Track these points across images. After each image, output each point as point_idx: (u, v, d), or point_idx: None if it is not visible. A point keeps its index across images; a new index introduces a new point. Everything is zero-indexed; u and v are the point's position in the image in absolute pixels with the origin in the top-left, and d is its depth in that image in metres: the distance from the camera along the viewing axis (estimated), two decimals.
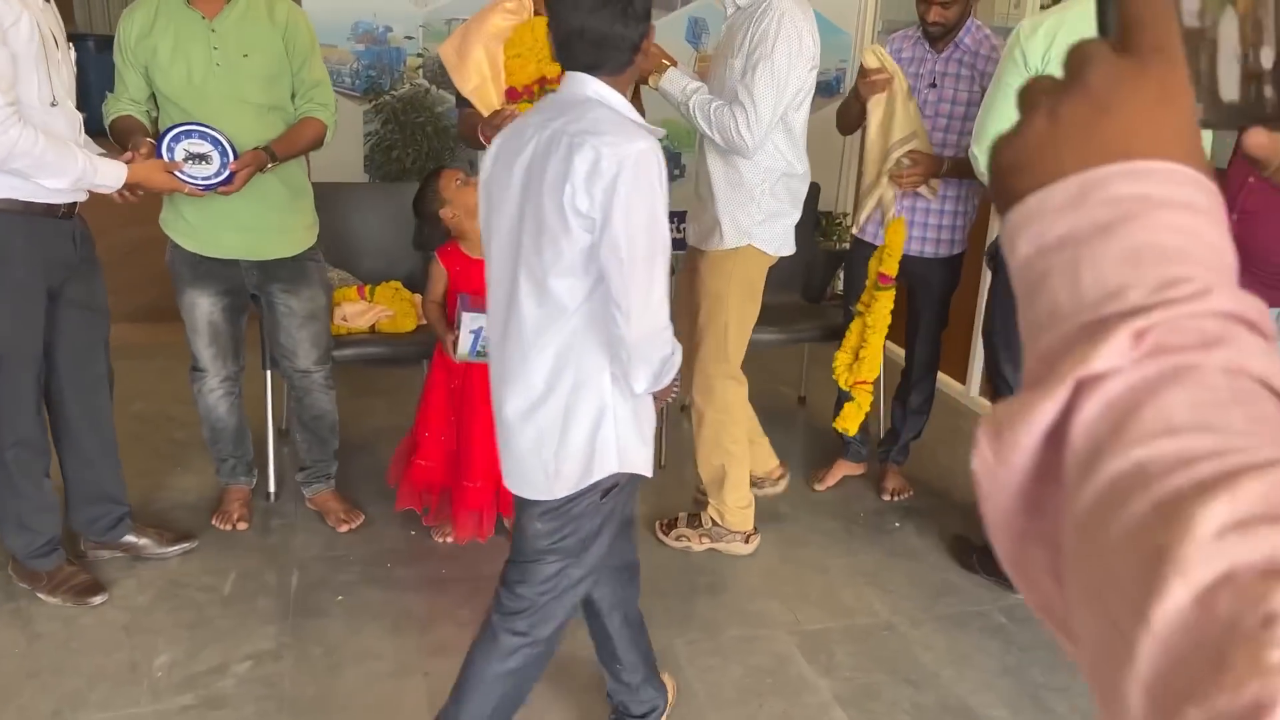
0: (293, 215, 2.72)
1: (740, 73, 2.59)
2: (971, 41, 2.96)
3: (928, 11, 2.90)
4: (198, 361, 2.82)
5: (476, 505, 2.88)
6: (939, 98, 2.99)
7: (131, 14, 2.58)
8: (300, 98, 2.65)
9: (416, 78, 4.30)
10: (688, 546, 3.00)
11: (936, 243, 3.09)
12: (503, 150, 1.77)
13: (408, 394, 3.92)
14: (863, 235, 3.18)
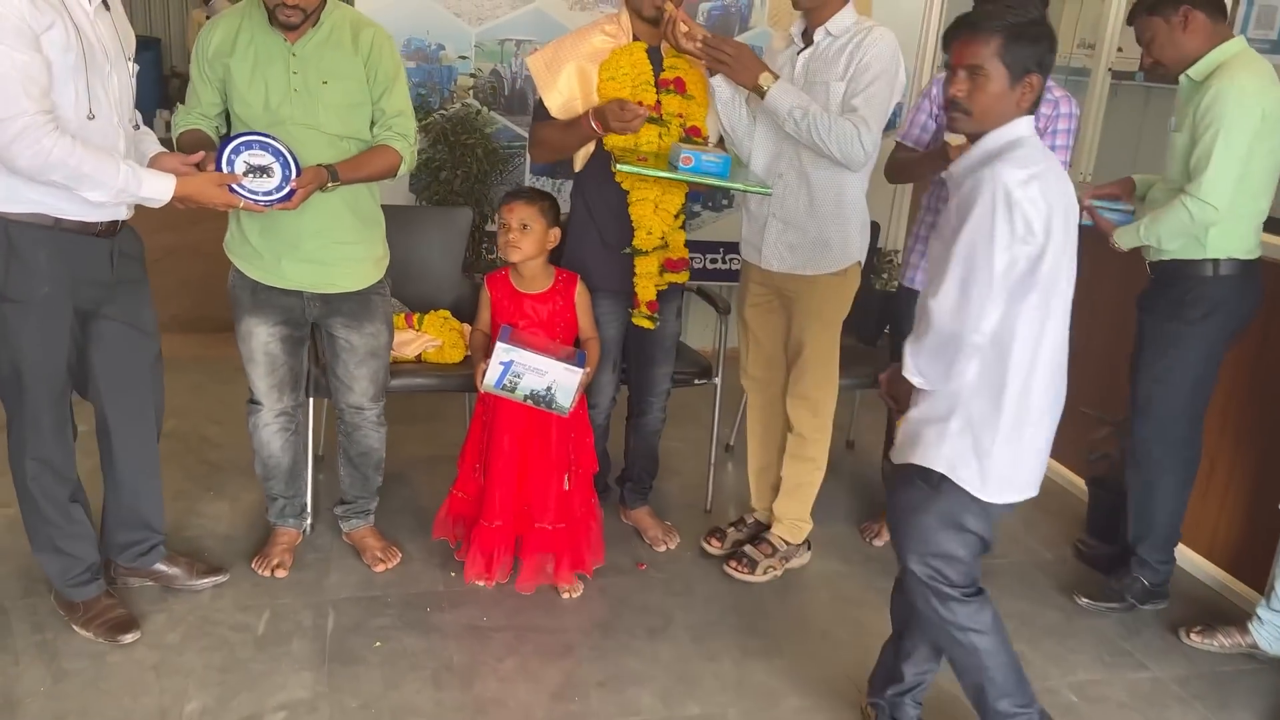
0: (361, 247, 2.62)
1: (850, 91, 2.57)
2: None
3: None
4: (254, 394, 2.71)
5: (488, 547, 2.77)
6: None
7: (213, 27, 2.49)
8: (379, 126, 2.55)
9: (467, 98, 4.20)
10: (774, 575, 2.96)
11: None
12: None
13: (444, 422, 3.82)
14: (911, 284, 3.07)
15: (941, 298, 1.86)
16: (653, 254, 2.74)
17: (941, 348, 1.90)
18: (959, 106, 1.91)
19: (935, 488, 2.00)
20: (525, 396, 2.60)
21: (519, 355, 2.55)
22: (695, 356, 3.39)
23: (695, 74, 2.69)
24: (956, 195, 1.90)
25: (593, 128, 2.55)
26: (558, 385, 2.59)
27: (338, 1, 2.51)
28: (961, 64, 1.90)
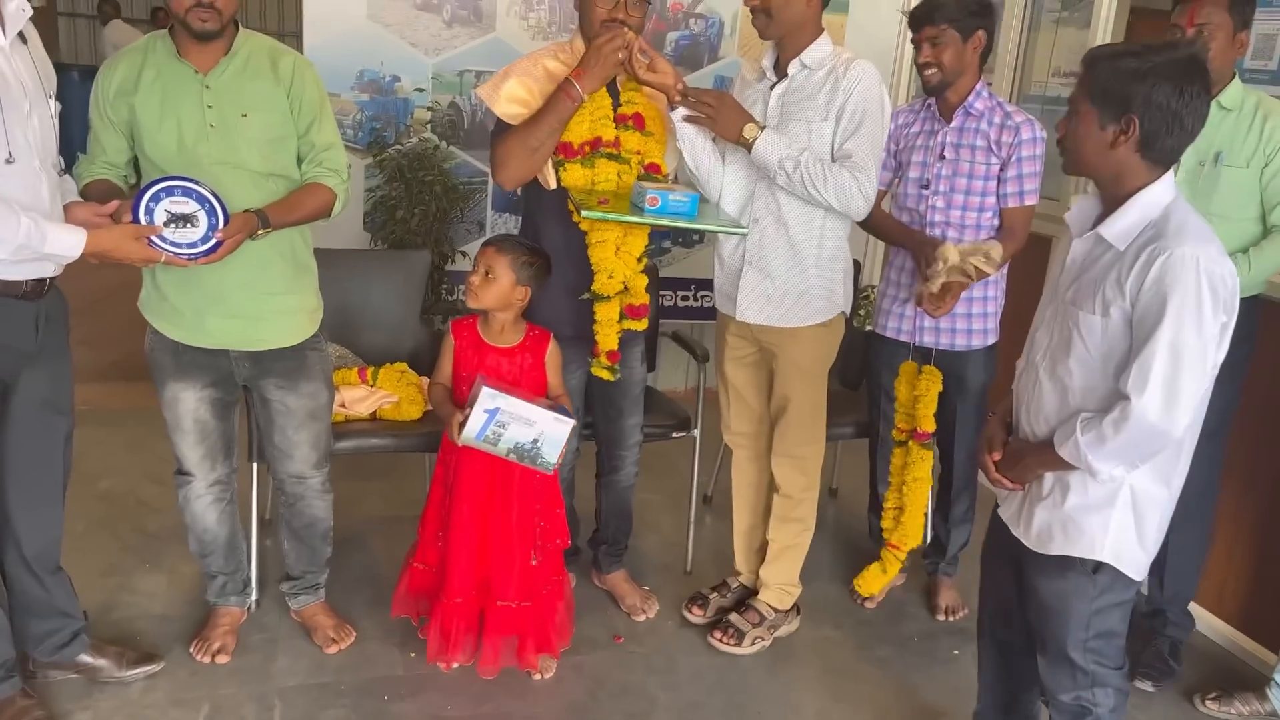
0: (294, 298, 2.38)
1: (841, 134, 2.41)
2: (983, 107, 2.70)
3: (918, 52, 2.66)
4: (183, 464, 2.46)
5: (448, 625, 2.52)
6: (953, 171, 2.71)
7: (113, 66, 2.25)
8: (308, 162, 2.32)
9: (425, 132, 3.99)
10: (762, 646, 2.77)
11: (969, 334, 2.81)
12: None
13: (403, 476, 3.57)
14: (883, 331, 2.89)
15: (1148, 397, 1.67)
16: (614, 299, 2.52)
17: (1138, 446, 1.73)
18: (1061, 145, 1.82)
19: (1095, 573, 1.86)
20: (509, 450, 2.36)
21: (506, 403, 2.31)
22: (671, 406, 3.18)
23: (652, 108, 2.50)
24: (1116, 268, 1.72)
25: (574, 92, 2.33)
26: (545, 438, 2.35)
27: (251, 31, 2.30)
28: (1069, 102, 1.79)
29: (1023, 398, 1.94)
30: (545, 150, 2.39)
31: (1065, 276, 1.85)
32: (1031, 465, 1.88)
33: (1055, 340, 1.84)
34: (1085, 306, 1.76)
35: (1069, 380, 1.80)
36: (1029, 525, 1.91)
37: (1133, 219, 1.73)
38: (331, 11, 3.79)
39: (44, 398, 2.15)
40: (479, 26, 3.97)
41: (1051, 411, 1.85)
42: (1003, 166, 2.68)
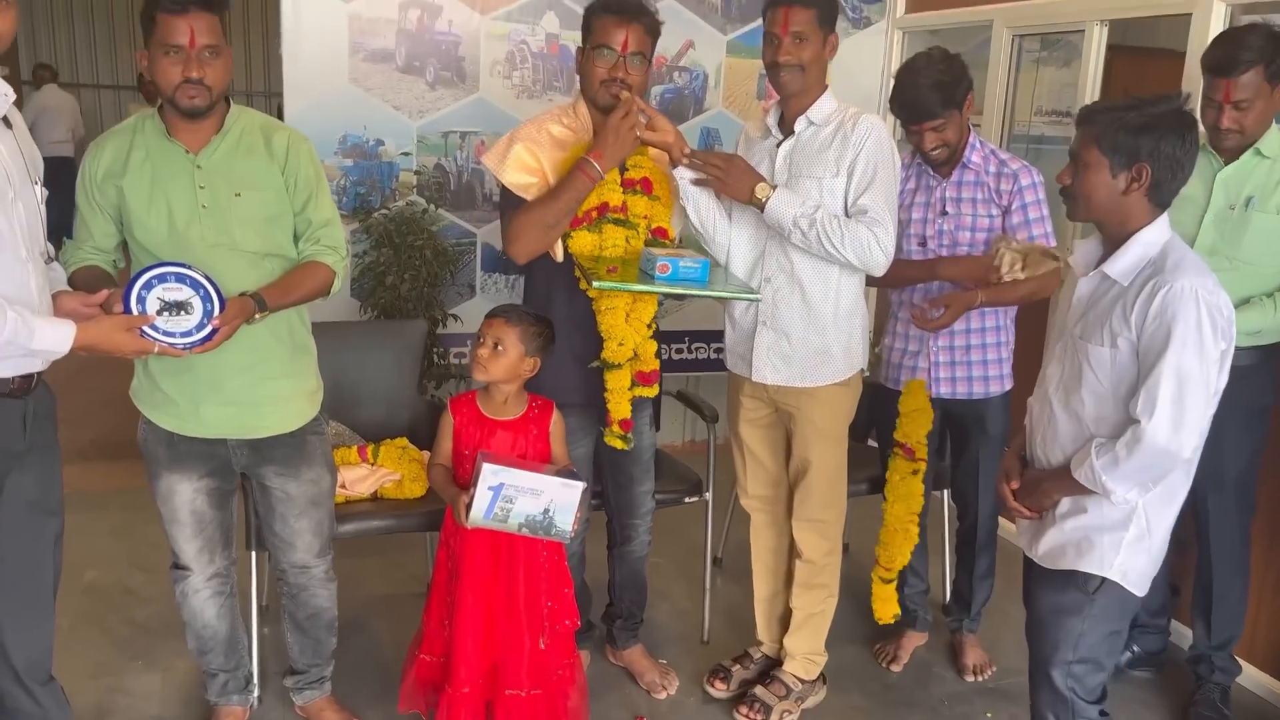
0: (292, 381, 2.28)
1: (854, 189, 2.37)
2: (979, 159, 2.67)
3: (922, 141, 2.62)
4: (179, 558, 2.33)
5: (456, 718, 2.37)
6: (955, 225, 2.69)
7: (100, 147, 2.16)
8: (305, 239, 2.23)
9: (411, 195, 3.91)
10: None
11: (985, 381, 2.76)
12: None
13: (405, 550, 3.45)
14: (895, 385, 2.84)
15: (1157, 419, 1.77)
16: (625, 367, 2.44)
17: (1150, 468, 1.82)
18: (1066, 194, 1.90)
19: (1094, 593, 1.94)
20: (520, 525, 2.25)
21: (510, 476, 2.21)
22: (681, 469, 3.09)
23: (658, 171, 2.44)
24: (1120, 302, 1.84)
25: (593, 171, 2.27)
26: (556, 506, 2.25)
27: (243, 107, 2.22)
28: (1071, 154, 1.89)
29: (1037, 429, 2.03)
30: (561, 228, 2.33)
31: (1072, 314, 1.96)
32: (1049, 491, 1.97)
33: (1067, 373, 1.94)
34: (1094, 340, 1.87)
35: (1082, 410, 1.90)
36: (1039, 544, 2.01)
37: (1134, 257, 1.85)
38: (312, 77, 3.73)
39: (32, 499, 2.03)
40: (462, 88, 3.92)
41: (1067, 440, 1.94)
42: (1005, 214, 2.64)
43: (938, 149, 2.62)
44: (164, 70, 2.03)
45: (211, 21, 2.03)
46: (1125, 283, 1.84)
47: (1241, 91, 2.39)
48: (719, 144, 4.31)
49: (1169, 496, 1.91)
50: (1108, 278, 1.87)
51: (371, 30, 3.76)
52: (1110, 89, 3.56)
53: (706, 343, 4.45)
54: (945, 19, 4.18)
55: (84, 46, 11.16)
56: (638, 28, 2.31)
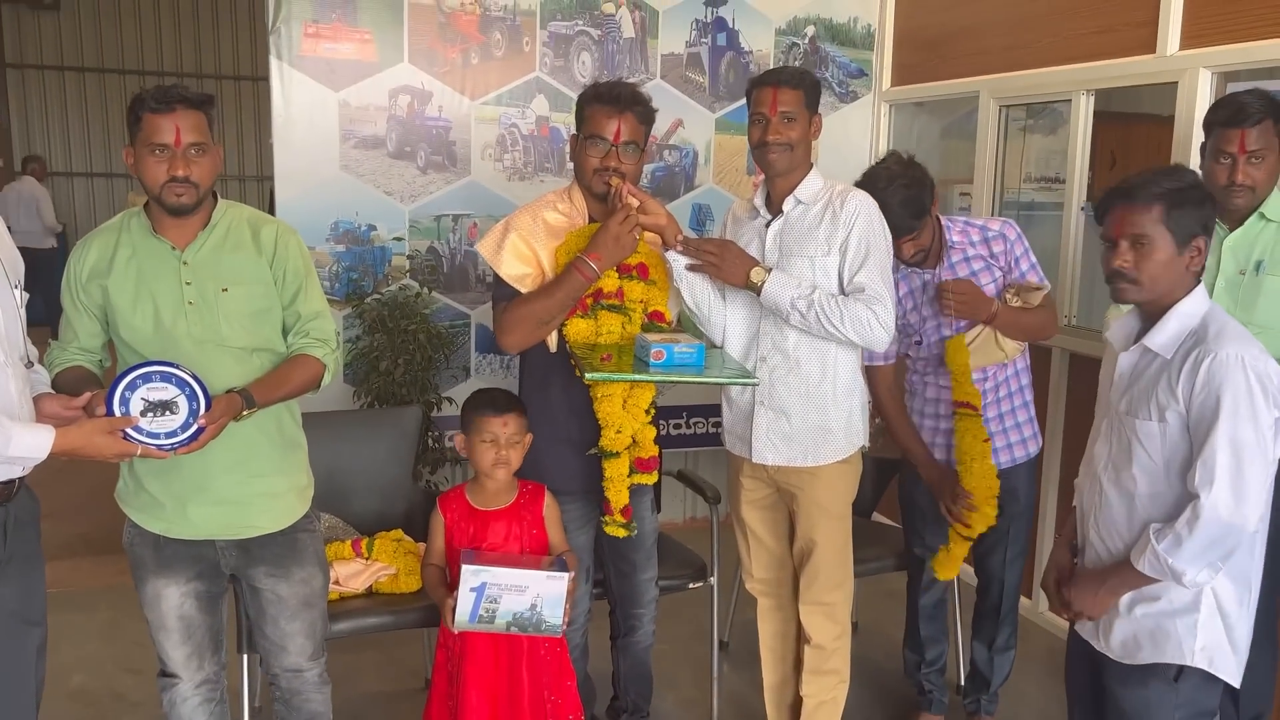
0: (282, 478, 2.22)
1: (848, 268, 2.35)
2: (960, 237, 2.66)
3: (900, 252, 2.58)
4: (166, 665, 2.24)
5: None
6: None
7: (85, 246, 2.13)
8: (294, 333, 2.20)
9: (404, 279, 3.90)
10: None
11: (1010, 448, 2.73)
12: None
13: (402, 645, 3.35)
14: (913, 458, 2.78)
15: (1217, 492, 1.73)
16: (623, 454, 2.39)
17: (1216, 543, 1.76)
18: (1125, 278, 1.86)
19: (1176, 680, 1.86)
20: (508, 624, 2.19)
21: (491, 575, 2.16)
22: (685, 554, 3.02)
23: (654, 255, 2.41)
24: (1165, 375, 1.82)
25: (590, 271, 2.24)
26: (543, 600, 2.19)
27: (230, 201, 2.20)
28: (1123, 235, 1.85)
29: (1088, 511, 1.97)
30: (555, 324, 2.31)
31: (1115, 390, 1.92)
32: (1113, 588, 1.89)
33: (1115, 450, 1.90)
34: (1141, 414, 1.84)
35: (1133, 487, 1.86)
36: (1109, 636, 1.92)
37: (1175, 328, 1.83)
38: (304, 164, 3.74)
39: (12, 609, 1.95)
40: (453, 171, 3.93)
41: (1120, 520, 1.89)
42: (1005, 273, 2.64)
43: (917, 255, 2.61)
44: (150, 169, 2.01)
45: (197, 119, 2.02)
46: (1168, 355, 1.82)
47: (1256, 141, 2.38)
48: (710, 220, 4.32)
49: (1240, 575, 1.85)
50: (1149, 351, 1.85)
51: (362, 117, 3.78)
52: (1098, 155, 3.58)
53: (705, 418, 4.41)
54: (931, 91, 4.23)
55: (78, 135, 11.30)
56: (630, 117, 2.31)
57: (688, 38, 4.18)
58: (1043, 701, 3.17)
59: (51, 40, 11.01)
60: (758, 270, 2.31)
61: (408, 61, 3.81)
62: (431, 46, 3.83)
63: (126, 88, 11.02)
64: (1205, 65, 3.01)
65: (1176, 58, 3.11)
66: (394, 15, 3.76)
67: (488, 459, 2.33)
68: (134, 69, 11.17)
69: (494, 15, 3.89)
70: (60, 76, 11.11)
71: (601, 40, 4.05)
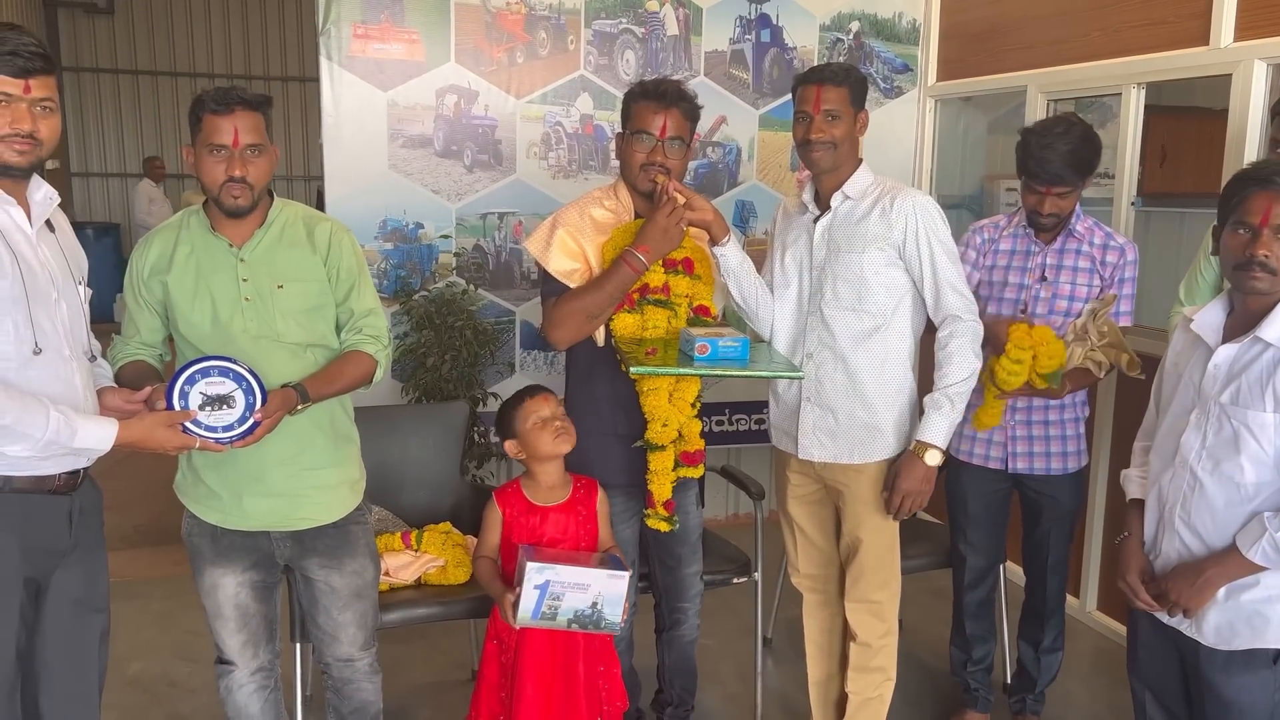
0: (335, 471, 2.26)
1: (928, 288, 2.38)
2: (1084, 229, 2.65)
3: (1041, 203, 2.59)
4: (223, 652, 2.31)
5: None
6: (1053, 294, 2.65)
7: (147, 244, 2.20)
8: (347, 329, 2.24)
9: (451, 276, 3.95)
10: None
11: (1063, 457, 2.71)
12: None
13: (449, 635, 3.40)
14: (969, 459, 2.78)
15: None
16: (669, 448, 2.41)
17: None
18: (1268, 268, 1.81)
19: (1276, 663, 1.86)
20: (569, 621, 2.22)
21: (555, 573, 2.18)
22: (729, 549, 3.03)
23: (700, 250, 2.43)
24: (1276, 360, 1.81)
25: (638, 264, 2.26)
26: (604, 598, 2.21)
27: (286, 200, 2.25)
28: (1269, 223, 1.80)
29: (1173, 500, 1.95)
30: (604, 317, 2.33)
31: (1211, 381, 1.89)
32: (1213, 579, 1.87)
33: (1213, 441, 1.88)
34: (1254, 405, 1.82)
35: (1240, 477, 1.84)
36: (1203, 623, 1.90)
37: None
38: (353, 164, 3.80)
39: (78, 596, 2.02)
40: (499, 170, 3.97)
41: (1219, 509, 1.87)
42: (1103, 287, 2.63)
43: (1052, 215, 2.60)
44: (208, 169, 2.07)
45: (255, 120, 2.07)
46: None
47: None
48: (754, 217, 4.32)
49: None
50: (1260, 341, 1.82)
51: (410, 117, 3.83)
52: (1149, 149, 3.54)
53: (748, 414, 4.41)
54: (978, 86, 4.19)
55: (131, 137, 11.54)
56: (676, 113, 2.32)
57: (731, 35, 4.18)
58: (1089, 702, 3.14)
59: (106, 44, 11.26)
60: (932, 453, 2.34)
61: (454, 61, 3.86)
62: (478, 46, 3.87)
63: (179, 90, 11.25)
64: (1260, 57, 2.95)
65: (1231, 49, 3.05)
66: (441, 15, 3.81)
67: (546, 438, 2.36)
68: (185, 71, 11.40)
69: (539, 14, 3.93)
70: (115, 80, 11.35)
71: (645, 38, 4.06)
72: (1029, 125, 2.66)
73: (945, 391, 2.34)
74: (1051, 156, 2.51)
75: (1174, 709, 2.04)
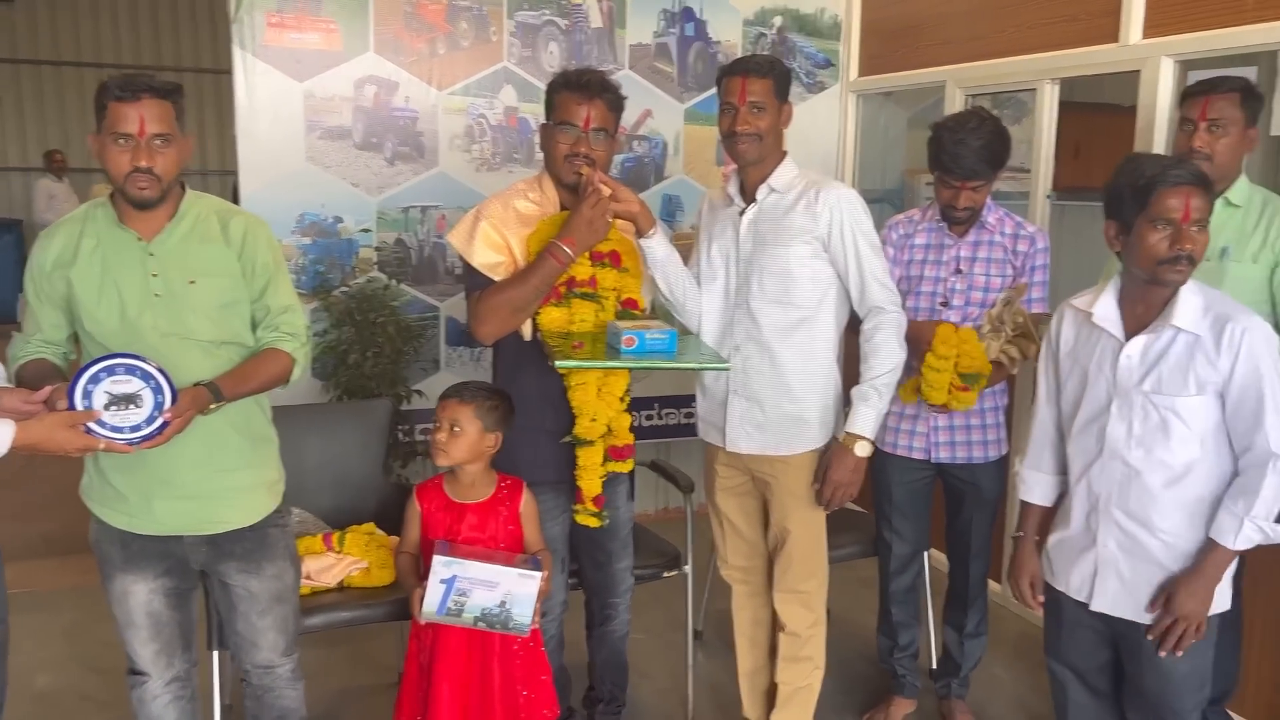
0: (251, 472, 2.19)
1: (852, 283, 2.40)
2: (995, 221, 2.69)
3: (955, 197, 2.62)
4: (135, 663, 2.21)
5: None
6: (969, 285, 2.69)
7: (50, 236, 2.09)
8: (263, 326, 2.16)
9: (372, 271, 3.86)
10: None
11: (984, 445, 2.76)
12: None
13: (374, 639, 3.33)
14: (892, 450, 2.80)
15: (1269, 434, 1.86)
16: (597, 443, 2.38)
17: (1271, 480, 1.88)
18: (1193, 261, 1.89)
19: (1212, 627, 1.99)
20: (475, 619, 2.19)
21: (462, 568, 2.16)
22: (658, 543, 3.01)
23: (627, 242, 2.41)
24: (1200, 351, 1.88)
25: (564, 256, 2.23)
26: (513, 598, 2.19)
27: (199, 193, 2.17)
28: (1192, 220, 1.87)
29: (1107, 491, 2.00)
30: (530, 310, 2.29)
31: (1128, 373, 1.95)
32: (1211, 580, 1.94)
33: (1141, 430, 1.95)
34: (1180, 391, 1.90)
35: (1172, 459, 1.93)
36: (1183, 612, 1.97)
37: (1198, 305, 1.90)
38: (268, 156, 3.69)
39: None
40: (421, 162, 3.90)
41: (1159, 490, 1.94)
42: (1015, 276, 2.66)
43: (966, 209, 2.63)
44: (113, 158, 1.97)
45: (164, 109, 1.98)
46: (1200, 331, 1.88)
47: (1218, 110, 2.39)
48: (681, 211, 4.32)
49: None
50: (1172, 328, 1.89)
51: (327, 108, 3.74)
52: (1062, 146, 3.62)
53: (676, 408, 4.41)
54: (898, 81, 4.25)
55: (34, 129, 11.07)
56: (600, 104, 2.30)
57: (656, 28, 4.17)
58: (1012, 684, 3.21)
59: (5, 32, 10.78)
60: (862, 444, 2.38)
61: (373, 51, 3.77)
62: (398, 36, 3.80)
63: (85, 82, 10.81)
64: (1167, 54, 3.04)
65: (1139, 46, 3.14)
66: (359, 4, 3.72)
67: (430, 442, 2.32)
68: (91, 61, 10.96)
69: (460, 5, 3.86)
70: (15, 70, 10.88)
71: (569, 30, 4.03)
72: (941, 121, 2.69)
73: (872, 383, 2.36)
74: (965, 152, 2.54)
75: (1099, 688, 2.10)
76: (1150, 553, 1.97)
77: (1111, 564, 2.01)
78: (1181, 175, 1.87)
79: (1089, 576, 2.05)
